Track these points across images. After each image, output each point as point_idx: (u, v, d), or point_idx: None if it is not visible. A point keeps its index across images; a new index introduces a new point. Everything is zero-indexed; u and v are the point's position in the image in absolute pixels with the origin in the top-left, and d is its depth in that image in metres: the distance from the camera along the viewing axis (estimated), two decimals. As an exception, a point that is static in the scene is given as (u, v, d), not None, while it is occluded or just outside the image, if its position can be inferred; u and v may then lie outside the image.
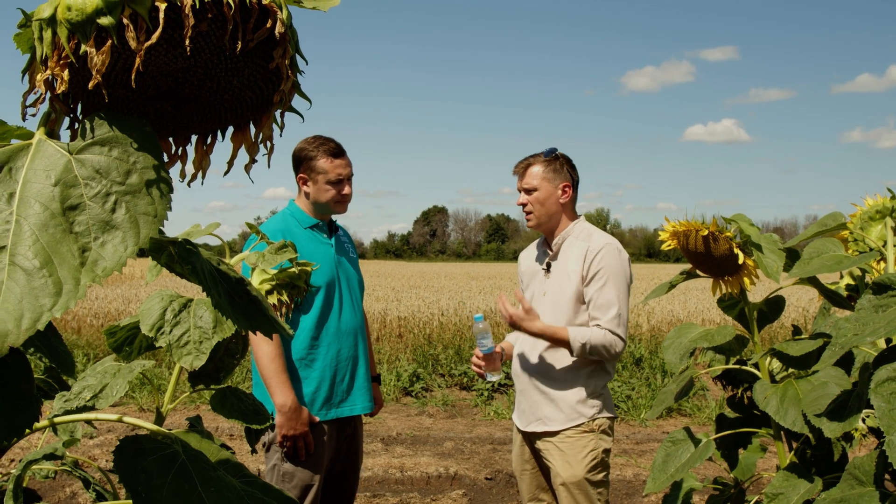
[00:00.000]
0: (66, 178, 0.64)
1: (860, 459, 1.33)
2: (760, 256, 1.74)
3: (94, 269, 0.60)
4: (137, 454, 0.73)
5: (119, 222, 0.63)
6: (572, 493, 2.81)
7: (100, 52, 0.65)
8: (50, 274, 0.59)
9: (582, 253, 2.90)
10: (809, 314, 12.85)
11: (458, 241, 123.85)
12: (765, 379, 1.76)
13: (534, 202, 2.97)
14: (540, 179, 2.96)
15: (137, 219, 0.63)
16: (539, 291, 3.02)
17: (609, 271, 2.86)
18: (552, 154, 2.99)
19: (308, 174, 2.99)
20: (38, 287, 0.58)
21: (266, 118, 0.76)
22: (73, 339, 10.46)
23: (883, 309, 1.25)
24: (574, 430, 2.87)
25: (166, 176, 0.68)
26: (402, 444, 6.49)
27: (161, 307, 1.07)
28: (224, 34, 0.67)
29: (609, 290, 2.84)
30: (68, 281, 0.59)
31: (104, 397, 1.15)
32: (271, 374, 2.79)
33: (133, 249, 0.62)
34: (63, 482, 5.07)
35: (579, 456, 2.84)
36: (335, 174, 2.96)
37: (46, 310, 0.57)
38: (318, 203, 3.00)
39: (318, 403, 2.89)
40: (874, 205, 1.66)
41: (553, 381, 2.90)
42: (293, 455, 2.83)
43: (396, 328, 11.78)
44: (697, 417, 7.48)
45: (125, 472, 0.70)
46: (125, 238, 0.62)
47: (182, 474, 0.72)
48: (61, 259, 0.60)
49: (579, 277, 2.88)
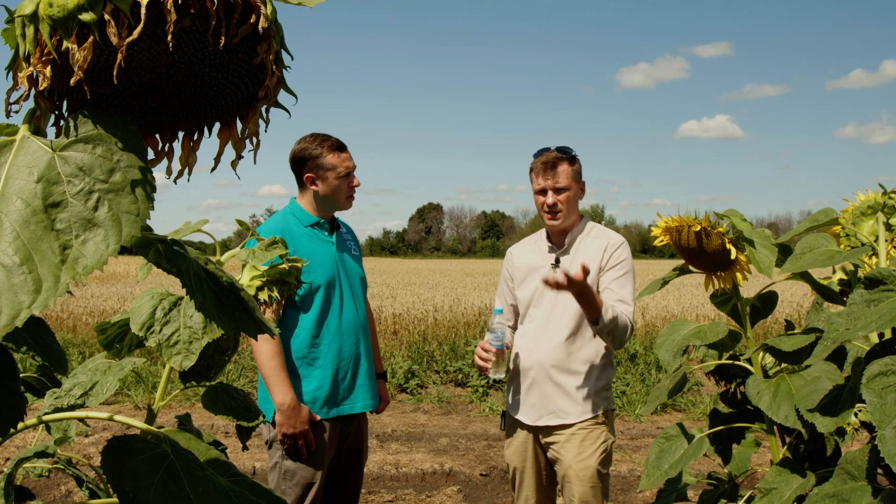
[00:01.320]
0: (48, 175, 0.63)
1: (852, 454, 1.33)
2: (753, 252, 1.74)
3: (75, 267, 0.60)
4: (126, 454, 0.72)
5: (101, 220, 0.62)
6: (584, 485, 2.82)
7: (82, 49, 0.64)
8: (30, 271, 0.58)
9: (601, 247, 2.94)
10: (803, 309, 12.87)
11: (453, 238, 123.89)
12: (758, 374, 1.76)
13: (565, 202, 2.96)
14: (570, 179, 2.95)
15: (120, 217, 0.63)
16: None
17: (628, 266, 2.94)
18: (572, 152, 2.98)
19: (316, 172, 2.96)
20: (17, 284, 0.57)
21: (252, 114, 0.75)
22: (69, 338, 10.44)
23: (875, 303, 1.25)
24: (588, 422, 2.88)
25: (150, 175, 0.67)
26: (398, 440, 6.49)
27: (151, 306, 1.06)
28: (207, 30, 0.67)
29: (627, 283, 2.91)
30: (48, 278, 0.58)
31: (94, 395, 1.14)
32: (270, 372, 2.78)
33: (115, 248, 0.62)
34: (58, 480, 5.06)
35: (592, 447, 2.85)
36: (344, 167, 2.96)
37: (25, 307, 0.56)
38: (328, 199, 2.99)
39: (319, 402, 2.88)
40: (865, 200, 1.66)
41: (570, 373, 2.90)
42: (294, 453, 2.83)
43: (392, 325, 11.77)
44: (692, 413, 7.49)
45: (112, 472, 0.70)
46: (107, 236, 0.61)
47: (170, 474, 0.71)
48: (42, 256, 0.59)
49: (596, 270, 2.90)
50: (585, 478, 2.82)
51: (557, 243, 3.06)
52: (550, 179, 2.95)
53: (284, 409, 2.76)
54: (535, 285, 3.04)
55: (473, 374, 8.75)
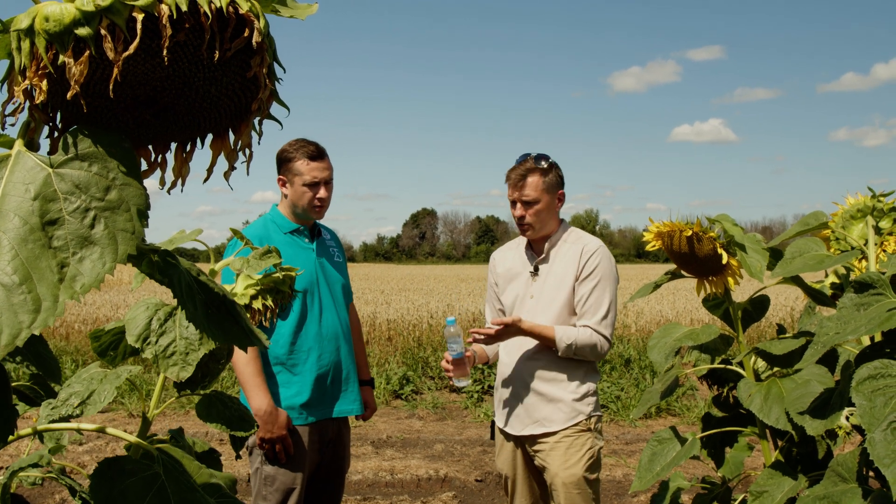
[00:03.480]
0: (45, 193, 0.63)
1: (843, 457, 1.34)
2: (744, 256, 1.75)
3: (73, 286, 0.60)
4: (116, 476, 0.72)
5: (97, 238, 0.63)
6: (571, 492, 2.81)
7: (78, 63, 0.65)
8: (29, 290, 0.58)
9: (577, 254, 2.91)
10: (795, 313, 12.91)
11: (447, 244, 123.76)
12: (749, 378, 1.77)
13: (534, 214, 2.92)
14: (540, 192, 2.90)
15: (116, 235, 0.63)
16: (524, 294, 3.00)
17: (602, 272, 2.89)
18: (547, 162, 2.93)
19: (286, 175, 2.99)
20: (17, 303, 0.57)
21: (244, 126, 0.76)
22: (62, 346, 10.41)
23: (864, 307, 1.27)
24: (573, 430, 2.87)
25: (145, 193, 0.68)
26: (393, 446, 6.49)
27: (147, 316, 1.07)
28: (201, 44, 0.67)
29: (600, 291, 2.87)
30: (47, 298, 0.58)
31: (92, 404, 1.14)
32: (246, 377, 2.80)
33: (111, 266, 0.62)
34: (53, 489, 5.04)
35: (578, 455, 2.84)
36: (311, 176, 2.94)
37: (25, 327, 0.57)
38: (295, 206, 3.00)
39: (296, 408, 2.89)
40: (855, 203, 1.67)
41: (551, 381, 2.89)
42: (273, 458, 2.83)
43: (386, 331, 11.77)
44: (686, 417, 7.50)
45: (101, 495, 0.70)
46: (103, 254, 0.62)
47: (160, 497, 0.72)
48: (40, 275, 0.59)
49: (573, 279, 2.89)
50: (572, 485, 2.81)
51: (537, 250, 3.04)
52: (518, 192, 2.93)
53: (261, 414, 2.77)
54: (515, 293, 3.03)
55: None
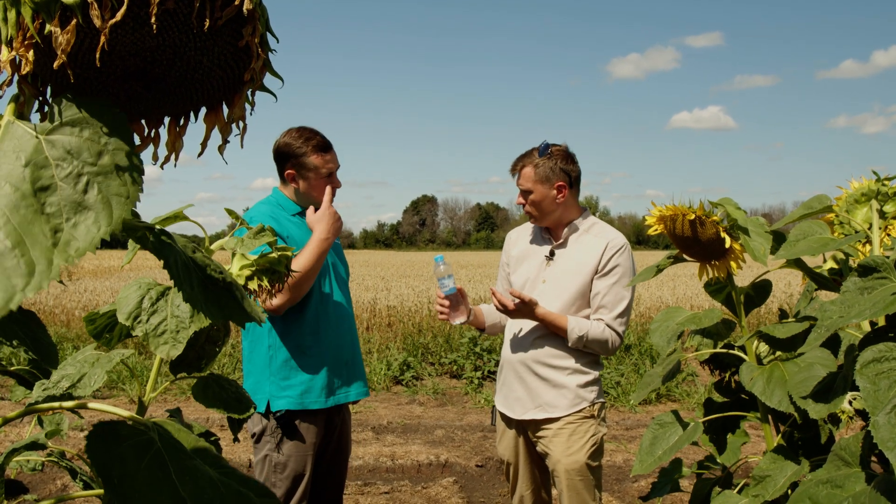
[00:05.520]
0: (36, 159, 0.62)
1: (846, 441, 1.33)
2: (747, 240, 1.74)
3: (67, 250, 0.59)
4: (112, 440, 0.72)
5: (91, 203, 0.62)
6: (573, 479, 2.81)
7: (64, 32, 0.64)
8: (22, 254, 0.58)
9: (600, 247, 2.89)
10: (793, 300, 12.91)
11: (447, 230, 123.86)
12: (752, 362, 1.76)
13: (531, 204, 2.94)
14: (533, 182, 2.91)
15: (110, 199, 0.62)
16: (537, 278, 2.98)
17: (624, 269, 2.88)
18: (546, 153, 2.92)
19: (298, 171, 2.96)
20: (10, 267, 0.57)
21: (238, 98, 0.74)
22: (62, 332, 10.41)
23: (868, 291, 1.25)
24: (576, 416, 2.85)
25: (138, 158, 0.67)
26: (393, 432, 6.50)
27: (138, 295, 1.06)
28: (191, 12, 0.66)
29: (620, 288, 2.86)
30: (41, 261, 0.58)
31: (82, 386, 1.13)
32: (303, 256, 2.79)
33: (106, 230, 0.61)
34: (54, 475, 5.05)
35: (581, 441, 2.83)
36: (327, 169, 2.95)
37: (19, 290, 0.56)
38: (310, 197, 2.99)
39: (315, 391, 2.87)
40: (860, 187, 1.65)
41: (556, 367, 2.87)
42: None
43: (386, 317, 11.78)
44: (687, 403, 7.51)
45: (98, 457, 0.69)
46: (98, 219, 0.61)
47: (157, 462, 0.71)
48: (33, 240, 0.59)
49: (592, 270, 2.87)
50: (575, 472, 2.81)
51: (555, 235, 3.02)
52: (516, 181, 2.98)
53: (324, 219, 2.85)
54: (527, 275, 3.01)
55: (468, 365, 8.75)
